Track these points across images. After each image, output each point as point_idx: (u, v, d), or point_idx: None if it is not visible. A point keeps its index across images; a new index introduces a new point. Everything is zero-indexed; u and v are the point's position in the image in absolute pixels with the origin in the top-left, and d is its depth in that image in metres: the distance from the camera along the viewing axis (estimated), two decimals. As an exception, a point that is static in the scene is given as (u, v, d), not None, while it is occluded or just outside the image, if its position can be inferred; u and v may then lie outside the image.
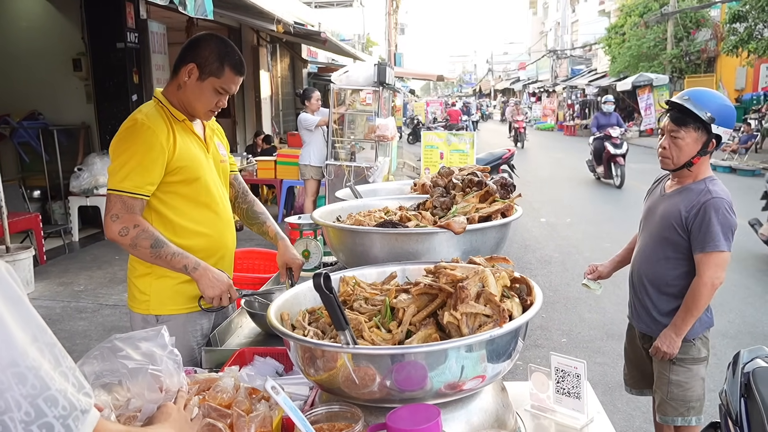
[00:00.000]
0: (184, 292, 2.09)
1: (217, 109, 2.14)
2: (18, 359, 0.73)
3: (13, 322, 0.75)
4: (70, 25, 8.10)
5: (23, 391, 0.73)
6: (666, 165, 2.46)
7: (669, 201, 2.48)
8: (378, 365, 1.23)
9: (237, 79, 2.10)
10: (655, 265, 2.50)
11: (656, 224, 2.49)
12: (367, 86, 7.47)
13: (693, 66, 24.03)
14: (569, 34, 44.71)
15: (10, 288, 0.77)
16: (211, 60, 2.03)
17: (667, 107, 2.46)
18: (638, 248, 2.62)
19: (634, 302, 2.63)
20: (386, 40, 26.28)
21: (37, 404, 0.74)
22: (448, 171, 2.35)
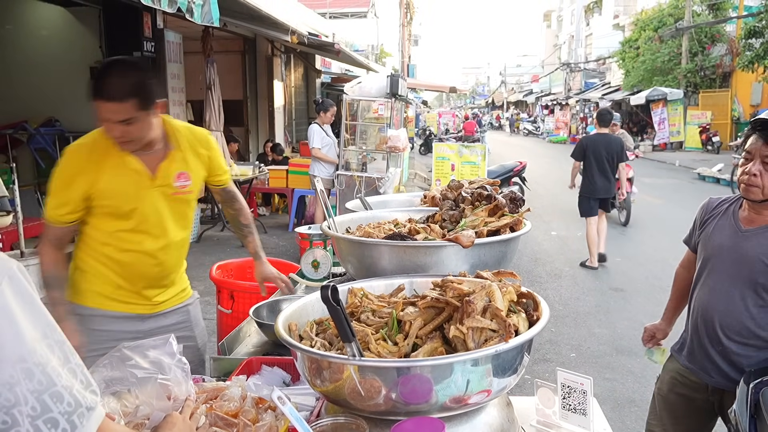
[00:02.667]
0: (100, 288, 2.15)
1: (122, 140, 1.98)
2: (26, 355, 0.75)
3: (24, 319, 0.77)
4: (88, 33, 8.23)
5: (30, 387, 0.75)
6: (753, 195, 2.09)
7: (757, 240, 2.13)
8: (384, 378, 1.24)
9: (99, 104, 1.93)
10: (741, 314, 2.16)
11: (741, 266, 2.16)
12: (380, 97, 7.52)
13: (708, 81, 23.91)
14: (583, 48, 44.67)
15: (23, 286, 0.79)
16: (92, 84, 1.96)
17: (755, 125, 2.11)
18: (710, 292, 2.25)
19: (700, 352, 2.27)
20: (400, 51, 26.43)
21: (43, 399, 0.75)
22: (457, 184, 2.36)
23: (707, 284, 2.27)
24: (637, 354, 4.46)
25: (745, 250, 2.16)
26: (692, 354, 2.32)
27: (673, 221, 6.72)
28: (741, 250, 2.17)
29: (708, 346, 2.25)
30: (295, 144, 13.10)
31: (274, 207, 10.69)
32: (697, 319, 2.30)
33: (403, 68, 25.52)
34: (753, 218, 2.19)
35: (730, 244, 2.21)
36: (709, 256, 2.28)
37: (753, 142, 2.09)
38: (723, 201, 2.36)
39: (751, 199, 2.13)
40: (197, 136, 2.27)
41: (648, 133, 25.12)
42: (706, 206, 2.40)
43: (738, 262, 2.18)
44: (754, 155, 2.07)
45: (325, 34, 12.61)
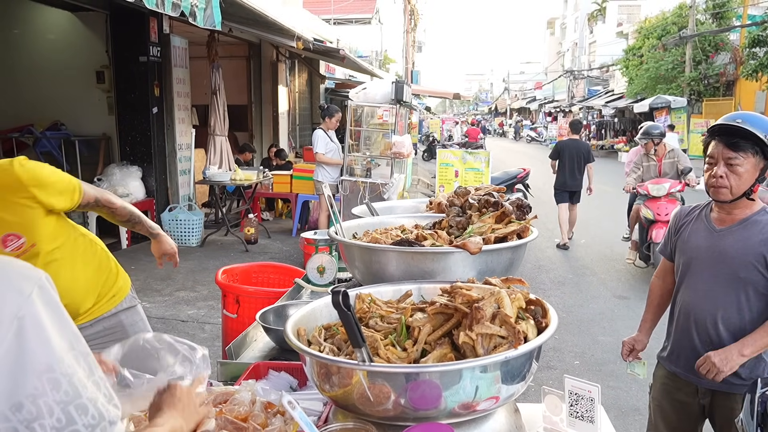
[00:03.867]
0: None
1: None
2: (54, 365, 0.76)
3: (53, 329, 0.78)
4: (95, 38, 8.28)
5: (56, 397, 0.75)
6: (722, 196, 2.19)
7: (733, 237, 2.22)
8: (393, 383, 1.24)
9: None
10: (723, 309, 2.23)
11: (721, 264, 2.23)
12: (384, 103, 7.54)
13: (711, 89, 23.91)
14: (586, 55, 44.76)
15: (51, 296, 0.80)
16: None
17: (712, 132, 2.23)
18: (695, 294, 2.30)
19: (690, 354, 2.30)
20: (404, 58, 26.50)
21: (69, 411, 0.76)
22: (464, 191, 2.37)
23: (690, 286, 2.34)
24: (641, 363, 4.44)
25: (723, 249, 2.25)
26: (680, 358, 2.36)
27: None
28: (718, 248, 2.26)
29: (698, 347, 2.28)
30: (299, 149, 13.13)
31: (277, 212, 10.70)
32: (684, 322, 2.34)
33: (407, 74, 25.59)
34: (724, 218, 2.29)
35: (707, 244, 2.30)
36: (688, 260, 2.36)
37: (714, 147, 2.21)
38: (694, 208, 2.46)
39: (721, 200, 2.23)
40: (7, 179, 1.87)
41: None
42: (678, 214, 2.50)
43: (717, 261, 2.26)
44: (718, 159, 2.19)
45: (330, 40, 12.67)
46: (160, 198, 8.51)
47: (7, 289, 0.77)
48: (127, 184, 7.85)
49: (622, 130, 29.81)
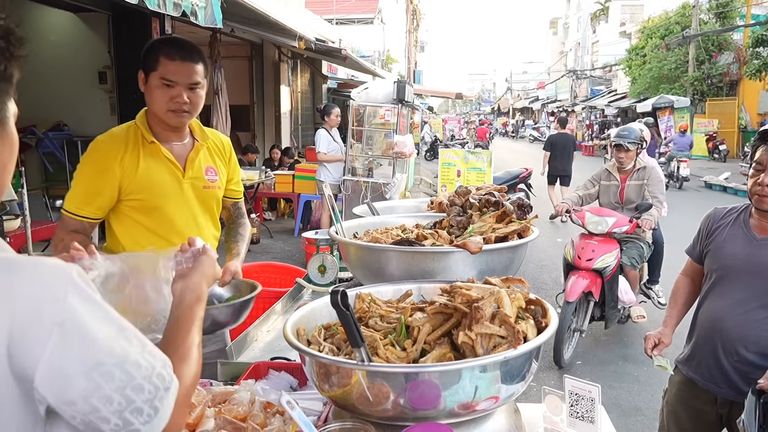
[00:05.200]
0: None
1: (177, 106, 1.96)
2: (104, 358, 0.79)
3: (95, 323, 0.79)
4: (97, 39, 8.29)
5: (112, 386, 0.79)
6: (763, 204, 2.09)
7: None
8: (392, 383, 1.24)
9: (175, 65, 1.93)
10: (754, 323, 2.13)
11: (758, 276, 2.13)
12: (387, 103, 7.54)
13: (715, 89, 23.87)
14: (589, 55, 44.71)
15: (86, 291, 0.81)
16: (148, 57, 1.95)
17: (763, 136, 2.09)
18: (725, 304, 2.20)
19: (711, 363, 2.23)
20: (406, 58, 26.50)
21: (126, 394, 0.80)
22: (465, 190, 2.37)
23: (720, 295, 2.22)
24: (643, 362, 4.43)
25: (762, 260, 2.13)
26: (701, 365, 2.28)
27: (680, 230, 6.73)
28: (757, 259, 2.14)
29: (722, 358, 2.20)
30: (301, 149, 13.14)
31: (280, 212, 10.71)
32: (708, 332, 2.25)
33: (409, 74, 25.59)
34: (765, 226, 2.17)
35: (745, 254, 2.17)
36: (721, 267, 2.24)
37: (763, 152, 2.06)
38: (730, 210, 2.32)
39: (764, 209, 2.11)
40: (220, 138, 2.25)
41: (654, 139, 25.09)
42: (712, 216, 2.37)
43: (755, 273, 2.14)
44: (766, 166, 2.05)
45: (332, 40, 12.67)
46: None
47: (42, 296, 0.77)
48: (129, 184, 7.86)
49: (624, 130, 29.74)
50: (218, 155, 2.21)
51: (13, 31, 0.84)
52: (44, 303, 0.77)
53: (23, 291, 0.77)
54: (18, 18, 0.86)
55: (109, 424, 0.79)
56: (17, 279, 0.77)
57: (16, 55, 0.85)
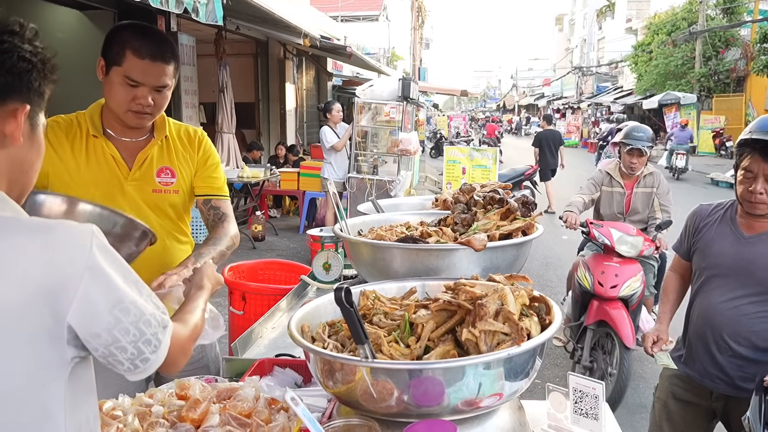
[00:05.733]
0: None
1: (140, 108, 1.75)
2: (122, 297, 0.96)
3: (113, 270, 0.96)
4: (102, 36, 8.27)
5: (129, 320, 0.96)
6: (760, 211, 2.13)
7: (764, 246, 2.16)
8: (396, 380, 1.24)
9: (144, 65, 1.71)
10: (746, 318, 2.17)
11: (747, 273, 2.17)
12: (392, 100, 7.54)
13: (722, 85, 23.72)
14: (595, 51, 44.53)
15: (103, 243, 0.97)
16: (112, 47, 1.74)
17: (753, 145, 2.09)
18: (716, 301, 2.24)
19: (706, 359, 2.26)
20: (411, 55, 26.47)
21: (139, 327, 0.98)
22: (469, 188, 2.37)
23: (711, 293, 2.26)
24: (648, 359, 4.42)
25: (752, 258, 2.17)
26: (696, 362, 2.31)
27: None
28: (747, 256, 2.18)
29: (716, 354, 2.24)
30: (306, 147, 13.15)
31: (285, 209, 10.73)
32: (701, 329, 2.28)
33: (415, 71, 25.58)
34: (752, 224, 2.21)
35: (734, 251, 2.22)
36: (711, 265, 2.28)
37: (754, 162, 2.10)
38: (716, 207, 2.36)
39: (757, 214, 2.16)
40: (188, 131, 1.99)
41: (660, 137, 25.00)
42: (699, 213, 2.40)
43: (745, 270, 2.18)
44: (757, 174, 2.09)
45: (337, 37, 12.67)
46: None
47: (74, 246, 0.93)
48: (135, 182, 7.89)
49: (631, 127, 29.63)
50: (182, 152, 1.96)
51: (49, 60, 1.03)
52: (76, 251, 0.93)
53: (60, 243, 0.92)
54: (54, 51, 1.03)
55: (126, 353, 0.97)
56: (54, 235, 0.93)
57: (50, 78, 1.04)
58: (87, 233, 0.95)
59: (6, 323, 0.89)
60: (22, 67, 0.96)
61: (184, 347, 1.12)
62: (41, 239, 0.92)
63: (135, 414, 1.40)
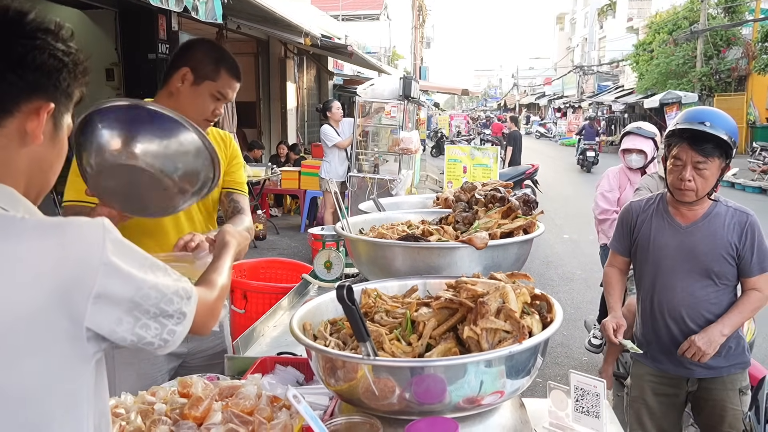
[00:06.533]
0: None
1: (214, 118, 2.00)
2: (141, 284, 0.96)
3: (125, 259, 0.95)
4: (104, 36, 8.32)
5: (150, 303, 0.97)
6: (688, 198, 2.26)
7: (701, 233, 2.30)
8: (398, 377, 1.25)
9: (234, 84, 2.00)
10: (701, 302, 2.31)
11: (696, 260, 2.30)
12: (393, 99, 7.54)
13: (723, 84, 23.69)
14: (596, 50, 44.50)
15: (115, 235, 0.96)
16: (206, 63, 1.93)
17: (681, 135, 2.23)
18: (671, 291, 2.34)
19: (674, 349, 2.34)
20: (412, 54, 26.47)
21: (161, 306, 0.99)
22: (470, 186, 2.37)
23: (664, 286, 2.37)
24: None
25: (693, 245, 2.32)
26: (663, 354, 2.41)
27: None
28: (688, 246, 2.32)
29: (681, 339, 2.33)
30: (308, 146, 13.15)
31: (286, 208, 10.74)
32: (662, 321, 2.39)
33: (415, 70, 25.56)
34: (686, 214, 2.35)
35: (676, 243, 2.35)
36: (657, 259, 2.39)
37: (682, 150, 2.23)
38: (647, 202, 2.48)
39: (686, 201, 2.29)
40: (220, 133, 2.25)
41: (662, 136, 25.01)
42: (632, 210, 2.50)
43: (689, 258, 2.32)
44: (686, 163, 2.22)
45: (338, 36, 12.68)
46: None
47: (87, 243, 0.92)
48: (136, 181, 7.90)
49: (632, 126, 29.62)
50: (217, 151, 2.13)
51: (82, 62, 1.02)
52: (90, 248, 0.92)
53: (72, 243, 0.92)
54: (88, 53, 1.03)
55: (149, 330, 0.98)
56: (66, 235, 0.92)
57: (80, 80, 1.03)
58: (98, 228, 0.94)
59: (24, 326, 0.88)
60: (52, 65, 0.95)
61: (213, 309, 1.15)
62: (53, 240, 0.91)
63: (138, 412, 1.41)
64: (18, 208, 0.95)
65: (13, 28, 0.93)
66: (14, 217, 0.92)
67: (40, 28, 0.95)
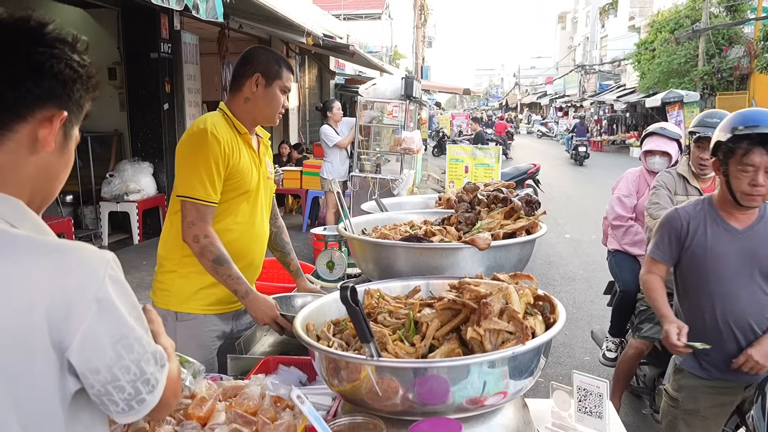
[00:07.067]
0: (205, 296, 2.17)
1: (284, 110, 2.28)
2: (128, 333, 0.92)
3: (122, 303, 0.92)
4: (106, 35, 8.33)
5: (131, 358, 0.92)
6: (757, 202, 2.19)
7: (760, 236, 2.24)
8: (401, 378, 1.25)
9: (291, 77, 2.27)
10: (764, 308, 2.23)
11: (755, 265, 2.23)
12: (394, 99, 7.53)
13: (725, 83, 23.64)
14: (598, 49, 44.41)
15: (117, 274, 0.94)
16: (272, 65, 2.18)
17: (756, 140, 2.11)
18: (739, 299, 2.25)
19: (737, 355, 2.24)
20: (413, 53, 26.45)
21: (141, 365, 0.93)
22: (473, 186, 2.37)
23: (726, 293, 2.25)
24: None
25: (754, 249, 2.23)
26: (725, 363, 2.27)
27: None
28: (749, 249, 2.23)
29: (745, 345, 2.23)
30: (309, 145, 13.15)
31: (287, 208, 10.74)
32: (726, 331, 2.26)
33: (417, 70, 25.54)
34: (739, 217, 2.27)
35: (735, 248, 2.24)
36: (715, 267, 2.27)
37: (758, 155, 2.10)
38: (694, 208, 2.36)
39: (753, 206, 2.20)
40: (265, 133, 2.39)
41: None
42: (679, 218, 2.35)
43: (750, 262, 2.23)
44: (759, 167, 2.10)
45: (340, 35, 12.66)
46: (171, 194, 8.55)
47: (87, 274, 0.89)
48: (138, 180, 7.91)
49: (633, 125, 29.61)
50: (268, 152, 2.41)
51: (94, 75, 1.03)
52: (88, 280, 0.89)
53: (71, 270, 0.89)
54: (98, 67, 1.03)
55: (123, 393, 0.92)
56: (67, 259, 0.90)
57: (91, 93, 1.03)
58: (102, 261, 0.92)
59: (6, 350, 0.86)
60: (68, 75, 0.97)
61: (176, 388, 1.05)
62: (53, 264, 0.89)
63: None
64: (23, 224, 0.93)
65: (32, 37, 0.94)
66: (18, 235, 0.90)
67: (59, 39, 0.97)
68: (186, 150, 2.11)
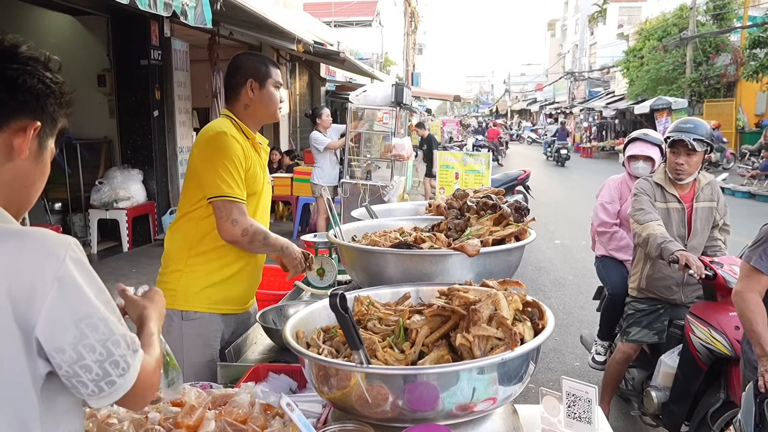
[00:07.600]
0: (211, 293, 2.21)
1: (281, 103, 2.39)
2: (92, 312, 0.95)
3: (85, 283, 0.95)
4: (96, 42, 8.30)
5: (96, 337, 0.95)
6: None
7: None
8: (391, 385, 1.25)
9: (278, 71, 2.37)
10: None
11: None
12: (385, 106, 7.55)
13: (712, 90, 23.90)
14: (587, 57, 44.79)
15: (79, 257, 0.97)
16: (260, 67, 2.29)
17: None
18: None
19: None
20: (404, 60, 26.52)
21: (107, 346, 0.96)
22: (462, 193, 2.38)
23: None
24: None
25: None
26: None
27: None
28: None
29: None
30: (299, 152, 13.14)
31: (278, 214, 10.72)
32: None
33: (408, 77, 25.61)
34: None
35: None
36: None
37: None
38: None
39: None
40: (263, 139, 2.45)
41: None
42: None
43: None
44: None
45: (330, 42, 12.69)
46: (161, 201, 8.52)
47: (46, 255, 0.93)
48: (128, 187, 7.87)
49: (622, 132, 29.86)
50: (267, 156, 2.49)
51: (67, 92, 1.08)
52: (48, 260, 0.93)
53: (32, 251, 0.93)
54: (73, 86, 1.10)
55: (91, 373, 0.94)
56: (27, 241, 0.94)
57: (65, 108, 1.09)
58: (63, 244, 0.95)
59: None
60: (40, 89, 1.02)
61: (153, 378, 1.06)
62: (14, 245, 0.93)
63: (131, 422, 1.40)
64: None
65: (7, 55, 1.01)
66: None
67: (32, 57, 1.04)
68: (209, 153, 2.16)
